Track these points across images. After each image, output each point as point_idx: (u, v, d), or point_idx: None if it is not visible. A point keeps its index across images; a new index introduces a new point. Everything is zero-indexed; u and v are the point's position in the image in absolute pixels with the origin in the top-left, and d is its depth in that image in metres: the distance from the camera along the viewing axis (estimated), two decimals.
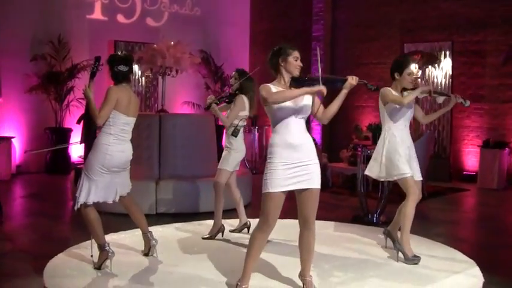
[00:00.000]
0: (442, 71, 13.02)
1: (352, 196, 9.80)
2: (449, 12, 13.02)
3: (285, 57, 4.60)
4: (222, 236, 6.91)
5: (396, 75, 6.04)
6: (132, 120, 5.60)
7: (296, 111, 4.54)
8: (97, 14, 14.09)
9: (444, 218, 8.77)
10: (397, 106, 5.96)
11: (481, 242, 7.52)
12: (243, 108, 6.73)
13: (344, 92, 4.68)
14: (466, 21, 12.80)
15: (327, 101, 4.61)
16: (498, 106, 12.37)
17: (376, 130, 8.89)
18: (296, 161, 4.49)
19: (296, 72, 4.61)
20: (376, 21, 14.25)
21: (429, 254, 6.25)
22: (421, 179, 6.15)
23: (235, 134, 6.75)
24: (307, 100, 4.59)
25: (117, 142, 5.48)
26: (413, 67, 6.06)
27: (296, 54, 4.63)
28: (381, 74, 14.07)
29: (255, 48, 16.51)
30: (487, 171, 11.87)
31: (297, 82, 4.58)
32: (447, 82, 12.94)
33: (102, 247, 5.52)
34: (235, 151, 6.79)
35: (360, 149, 8.57)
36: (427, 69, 13.05)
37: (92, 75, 5.46)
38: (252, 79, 6.91)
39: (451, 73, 12.93)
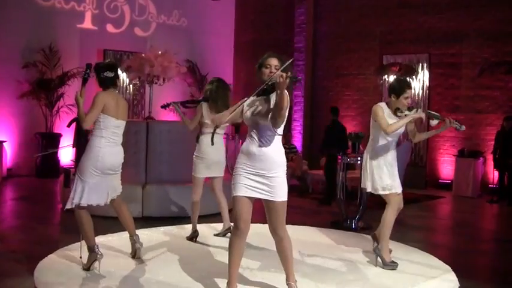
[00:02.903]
0: (419, 82, 13.11)
1: (332, 203, 9.78)
2: (426, 26, 13.13)
3: (260, 68, 4.51)
4: (194, 241, 6.91)
5: (393, 97, 5.94)
6: (122, 124, 5.63)
7: (249, 121, 4.46)
8: (87, 24, 14.06)
9: (420, 224, 8.82)
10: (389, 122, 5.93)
11: (457, 247, 7.56)
12: (201, 115, 6.74)
13: (279, 93, 4.19)
14: (442, 35, 12.92)
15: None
16: (473, 116, 12.46)
17: (355, 139, 8.90)
18: (257, 170, 4.42)
19: (266, 78, 4.42)
20: (356, 34, 14.32)
21: (406, 259, 6.27)
22: (400, 190, 6.13)
23: (196, 139, 6.81)
24: (259, 108, 4.41)
25: (109, 145, 5.51)
26: (410, 92, 6.00)
27: (270, 61, 4.48)
28: (360, 85, 14.18)
29: (239, 58, 16.53)
30: (462, 180, 11.96)
31: (258, 91, 4.40)
32: (424, 93, 13.03)
33: (91, 249, 5.51)
34: (198, 157, 6.80)
35: (339, 157, 8.59)
36: None
37: (84, 82, 5.49)
38: (227, 89, 6.84)
39: (428, 84, 13.04)
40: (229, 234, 7.09)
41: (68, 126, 5.71)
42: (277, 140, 4.47)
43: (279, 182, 4.46)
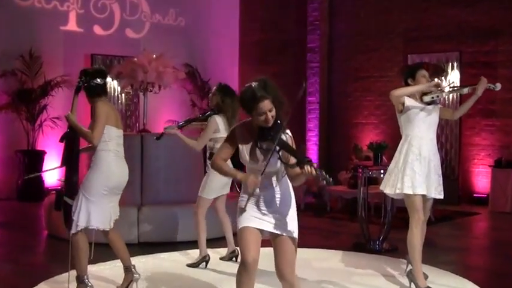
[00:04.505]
0: (449, 84, 13.12)
1: (353, 222, 9.84)
2: (457, 20, 13.15)
3: (250, 113, 4.29)
4: (206, 266, 7.01)
5: (410, 81, 6.03)
6: (121, 133, 5.82)
7: (255, 170, 4.34)
8: (72, 26, 14.18)
9: (453, 244, 8.84)
10: (415, 111, 5.95)
11: (494, 270, 7.58)
12: (215, 129, 6.82)
13: (300, 175, 4.18)
14: (475, 30, 12.93)
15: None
16: (511, 122, 12.47)
17: (378, 149, 8.96)
18: (265, 206, 4.40)
19: (266, 125, 4.26)
20: (377, 31, 14.37)
21: (438, 283, 6.32)
22: (441, 196, 6.14)
23: (210, 157, 6.81)
24: (273, 163, 4.29)
25: (117, 159, 5.71)
26: (425, 72, 6.05)
27: (262, 108, 4.22)
28: (382, 89, 14.16)
29: (245, 61, 16.61)
30: (500, 193, 11.95)
31: (259, 134, 4.29)
32: (455, 96, 13.05)
33: (81, 279, 5.61)
34: (213, 175, 6.80)
35: (360, 171, 8.63)
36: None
37: (77, 91, 5.65)
38: (233, 96, 6.92)
39: (459, 86, 13.03)
40: (234, 258, 7.19)
41: (61, 141, 5.83)
42: (285, 179, 4.45)
43: (291, 216, 4.45)
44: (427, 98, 5.97)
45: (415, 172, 5.95)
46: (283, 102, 4.31)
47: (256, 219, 4.38)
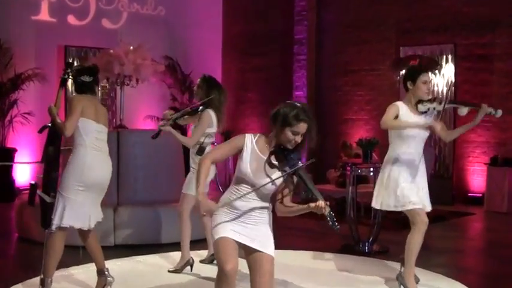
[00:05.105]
0: (443, 78, 13.19)
1: (341, 222, 9.80)
2: (452, 11, 13.19)
3: (284, 127, 4.34)
4: (191, 270, 6.99)
5: (409, 85, 6.07)
6: (103, 129, 5.88)
7: (252, 184, 4.37)
8: (44, 15, 14.13)
9: (446, 246, 8.89)
10: (407, 129, 6.03)
11: (488, 273, 7.64)
12: (210, 124, 6.85)
13: (305, 208, 4.26)
14: (471, 21, 12.97)
15: None
16: (508, 118, 12.49)
17: (367, 146, 8.99)
18: (244, 220, 4.40)
19: (288, 146, 4.38)
20: (367, 22, 14.41)
21: (429, 287, 6.38)
22: (429, 209, 6.22)
23: (200, 152, 6.83)
24: (270, 185, 4.34)
25: (95, 154, 5.72)
26: (428, 76, 6.09)
27: (299, 128, 4.35)
28: (373, 83, 14.25)
29: (228, 53, 16.62)
30: (495, 193, 12.04)
31: (276, 153, 4.38)
32: (449, 90, 13.10)
33: (44, 283, 5.65)
34: None
35: (349, 169, 8.67)
36: None
37: (62, 83, 5.72)
38: (220, 88, 6.97)
39: (453, 80, 13.10)
40: (215, 261, 7.19)
41: (40, 132, 5.90)
42: (268, 196, 4.48)
43: (268, 237, 4.47)
44: (422, 108, 6.03)
45: (406, 185, 6.04)
46: (313, 138, 4.44)
47: (232, 231, 4.38)
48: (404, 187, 6.05)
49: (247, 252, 4.42)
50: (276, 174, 4.32)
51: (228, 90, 7.38)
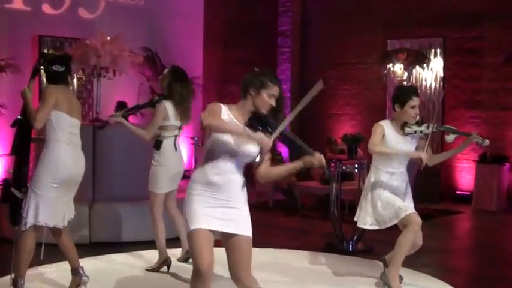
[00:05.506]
0: (431, 72, 13.26)
1: (325, 220, 9.87)
2: (441, 3, 13.25)
3: (259, 89, 4.47)
4: (168, 270, 6.99)
5: (397, 107, 6.11)
6: (77, 123, 5.83)
7: (233, 152, 4.42)
8: (17, 4, 14.02)
9: (433, 245, 8.87)
10: (391, 147, 6.08)
11: (476, 273, 7.71)
12: (164, 116, 6.81)
13: (298, 165, 4.42)
14: (461, 14, 13.02)
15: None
16: (497, 114, 12.60)
17: (352, 142, 9.01)
18: (219, 201, 4.42)
19: (263, 111, 4.47)
20: (355, 13, 14.44)
21: (416, 286, 6.43)
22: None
23: (157, 147, 6.83)
24: (253, 147, 4.43)
25: (69, 148, 5.71)
26: (418, 100, 6.13)
27: (274, 91, 4.48)
28: (360, 76, 14.28)
29: (210, 45, 16.58)
30: (484, 191, 12.11)
31: (253, 121, 4.44)
32: (438, 85, 13.17)
33: (17, 282, 5.62)
34: (160, 167, 6.87)
35: (333, 165, 8.68)
36: (414, 70, 13.24)
37: (34, 74, 5.70)
38: (183, 82, 6.93)
39: (442, 75, 13.17)
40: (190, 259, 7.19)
41: (12, 126, 5.84)
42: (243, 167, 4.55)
43: (245, 215, 4.50)
44: (408, 130, 6.09)
45: (394, 199, 6.13)
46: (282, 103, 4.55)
47: (207, 217, 4.39)
48: (388, 195, 6.13)
49: (224, 234, 4.46)
50: (255, 144, 4.39)
51: (209, 83, 7.38)
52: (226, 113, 4.47)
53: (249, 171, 4.56)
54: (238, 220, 4.45)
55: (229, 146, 4.38)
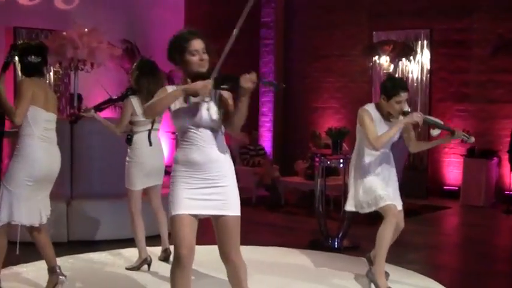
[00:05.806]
0: (418, 64, 13.29)
1: (310, 217, 9.91)
2: None
3: (182, 54, 4.49)
4: (149, 269, 6.98)
5: (383, 99, 6.11)
6: (53, 118, 5.77)
7: (193, 121, 4.42)
8: None
9: (420, 241, 8.96)
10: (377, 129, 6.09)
11: (464, 269, 7.75)
12: (134, 113, 6.78)
13: (242, 100, 4.35)
14: (448, 5, 13.06)
15: None
16: (485, 107, 12.65)
17: (337, 136, 9.02)
18: (202, 181, 4.44)
19: (199, 69, 4.46)
20: (340, 4, 14.45)
21: (402, 283, 6.46)
22: (400, 207, 6.29)
23: (128, 142, 6.84)
24: (205, 109, 4.44)
25: (44, 145, 5.65)
26: (405, 95, 6.12)
27: (194, 45, 4.47)
28: (344, 69, 14.30)
29: None
30: (472, 186, 12.16)
31: (194, 79, 4.40)
32: (424, 78, 13.21)
33: None
34: (134, 163, 6.87)
35: (317, 160, 8.69)
36: (400, 62, 13.28)
37: (5, 66, 5.58)
38: (152, 76, 6.83)
39: (429, 67, 13.20)
40: (171, 258, 7.18)
41: None
42: (223, 140, 4.56)
43: (231, 193, 4.51)
44: (394, 120, 6.10)
45: (374, 183, 6.14)
46: (213, 50, 4.57)
47: (190, 201, 4.42)
48: (371, 180, 6.14)
49: (212, 217, 4.50)
50: (206, 102, 4.43)
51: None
52: (171, 89, 4.48)
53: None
54: (224, 200, 4.47)
55: (185, 116, 4.42)
